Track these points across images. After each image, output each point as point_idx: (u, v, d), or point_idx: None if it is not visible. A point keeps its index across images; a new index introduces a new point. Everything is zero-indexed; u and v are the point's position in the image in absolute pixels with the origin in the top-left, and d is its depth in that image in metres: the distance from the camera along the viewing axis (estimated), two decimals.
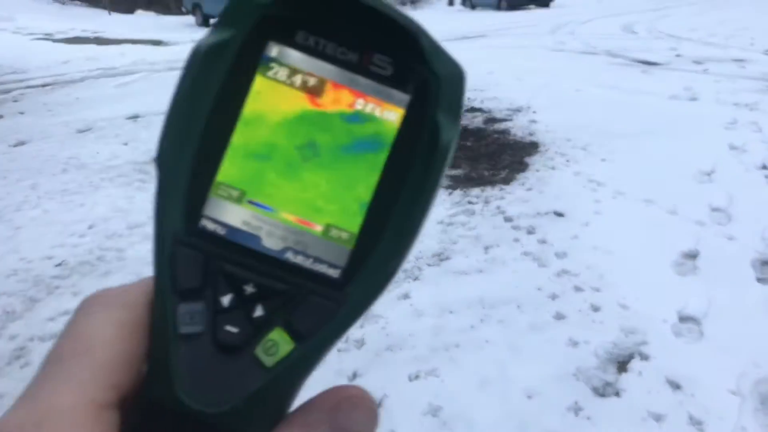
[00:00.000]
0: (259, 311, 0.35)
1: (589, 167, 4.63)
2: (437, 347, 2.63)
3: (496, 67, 8.69)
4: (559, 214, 3.82)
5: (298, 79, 0.37)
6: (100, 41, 13.88)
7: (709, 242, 3.42)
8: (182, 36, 15.10)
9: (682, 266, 3.20)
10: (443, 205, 4.06)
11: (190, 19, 20.10)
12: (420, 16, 20.93)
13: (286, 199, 0.37)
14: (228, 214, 0.36)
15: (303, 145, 0.37)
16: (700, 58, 9.02)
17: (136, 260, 3.45)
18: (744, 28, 12.00)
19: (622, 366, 2.50)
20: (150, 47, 12.86)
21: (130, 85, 8.44)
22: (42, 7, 22.33)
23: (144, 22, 20.87)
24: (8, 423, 0.29)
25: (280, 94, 0.37)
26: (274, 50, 0.37)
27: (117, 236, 3.72)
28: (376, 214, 0.37)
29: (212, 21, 19.05)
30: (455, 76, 0.37)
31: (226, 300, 0.35)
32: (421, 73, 0.37)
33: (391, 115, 0.37)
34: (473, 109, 6.53)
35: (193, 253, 0.35)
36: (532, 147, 5.23)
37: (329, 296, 0.36)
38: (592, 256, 3.30)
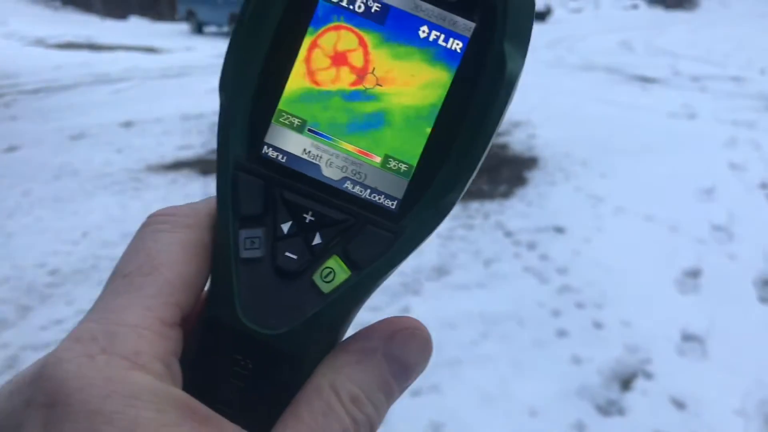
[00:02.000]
0: (317, 239, 0.36)
1: (589, 183, 4.63)
2: (438, 362, 2.59)
3: None
4: (560, 230, 3.81)
5: (361, 4, 0.36)
6: (93, 47, 13.85)
7: (710, 260, 3.42)
8: (176, 43, 15.08)
9: (684, 284, 3.19)
10: None
11: (184, 26, 20.08)
12: None
13: (347, 128, 0.37)
14: (289, 141, 0.37)
15: (366, 74, 0.36)
16: (698, 75, 9.08)
17: None
18: (741, 47, 12.11)
19: (626, 384, 2.48)
20: (143, 54, 12.83)
21: (123, 92, 8.40)
22: (34, 12, 22.28)
23: (137, 28, 20.82)
24: (83, 333, 0.31)
25: (343, 19, 0.36)
26: None
27: (111, 244, 3.66)
28: (435, 147, 0.36)
29: (206, 28, 19.03)
30: (525, 3, 0.36)
31: (285, 227, 0.36)
32: (489, 0, 0.35)
33: (454, 44, 0.36)
34: None
35: (255, 180, 0.36)
36: (531, 162, 5.24)
37: (385, 227, 0.36)
38: (594, 272, 3.28)
